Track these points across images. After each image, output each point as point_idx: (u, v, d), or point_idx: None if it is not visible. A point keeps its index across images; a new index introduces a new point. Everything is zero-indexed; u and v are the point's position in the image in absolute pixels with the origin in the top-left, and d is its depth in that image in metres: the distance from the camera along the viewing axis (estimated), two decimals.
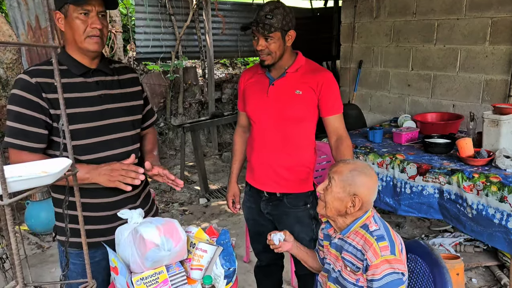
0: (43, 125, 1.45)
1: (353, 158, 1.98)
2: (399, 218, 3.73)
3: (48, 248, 3.50)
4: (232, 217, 4.08)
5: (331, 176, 1.50)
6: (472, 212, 2.52)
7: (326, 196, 1.50)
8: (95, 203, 1.56)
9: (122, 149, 1.59)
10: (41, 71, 1.47)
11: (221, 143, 6.53)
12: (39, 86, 1.43)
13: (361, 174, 1.47)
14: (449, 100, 3.98)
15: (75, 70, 1.51)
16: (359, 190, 1.46)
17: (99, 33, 1.46)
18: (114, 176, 1.42)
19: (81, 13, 1.43)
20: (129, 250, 1.30)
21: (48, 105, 1.44)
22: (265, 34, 1.79)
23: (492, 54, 3.59)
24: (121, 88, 1.63)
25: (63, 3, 1.43)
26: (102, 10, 1.47)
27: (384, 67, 4.55)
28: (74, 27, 1.44)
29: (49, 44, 0.87)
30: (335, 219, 1.54)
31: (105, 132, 1.55)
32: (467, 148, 2.70)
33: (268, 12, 1.78)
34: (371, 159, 3.07)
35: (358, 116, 4.39)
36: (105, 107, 1.55)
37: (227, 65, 8.22)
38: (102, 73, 1.58)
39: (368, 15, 4.60)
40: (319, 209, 1.57)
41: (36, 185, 0.87)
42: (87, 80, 1.53)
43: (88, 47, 1.47)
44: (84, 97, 1.51)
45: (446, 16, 3.86)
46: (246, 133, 2.16)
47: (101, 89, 1.56)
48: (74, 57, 1.51)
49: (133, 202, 1.65)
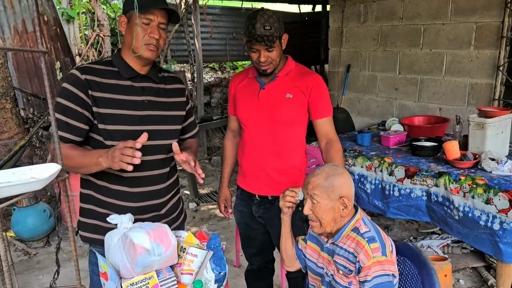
0: (84, 120, 1.50)
1: (343, 161, 1.99)
2: (387, 221, 3.77)
3: (35, 255, 3.46)
4: (222, 222, 4.08)
5: (311, 194, 1.49)
6: (458, 214, 2.55)
7: (317, 214, 1.49)
8: (121, 205, 1.59)
9: (155, 156, 1.61)
10: (92, 69, 1.53)
11: (210, 147, 6.52)
12: (87, 83, 1.49)
13: (335, 175, 1.49)
14: (436, 104, 4.04)
15: (124, 73, 1.56)
16: (342, 191, 1.48)
17: (155, 42, 1.52)
18: (116, 157, 1.37)
19: (143, 21, 1.49)
20: (119, 255, 1.29)
21: (92, 103, 1.50)
22: (269, 45, 1.78)
23: (477, 58, 3.65)
24: (166, 97, 1.66)
25: (129, 8, 1.49)
26: (163, 22, 1.54)
27: (372, 71, 4.59)
28: (134, 33, 1.50)
29: (38, 49, 0.87)
30: (332, 229, 1.53)
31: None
32: (454, 151, 2.74)
33: (265, 23, 1.77)
34: (360, 162, 3.10)
35: (347, 119, 4.43)
36: (147, 113, 1.58)
37: (216, 69, 8.22)
38: (150, 80, 1.62)
39: (356, 19, 4.65)
40: (316, 230, 1.55)
41: (25, 191, 0.87)
42: (134, 84, 1.57)
43: (143, 54, 1.52)
44: (129, 100, 1.55)
45: (432, 21, 3.92)
46: (237, 138, 2.16)
47: (146, 95, 1.59)
48: (126, 61, 1.57)
49: (158, 209, 1.66)
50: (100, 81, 1.52)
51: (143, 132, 1.45)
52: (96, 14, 5.77)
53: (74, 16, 5.80)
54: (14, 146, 4.33)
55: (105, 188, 1.60)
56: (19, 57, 5.21)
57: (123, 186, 1.58)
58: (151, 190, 1.62)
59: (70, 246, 3.49)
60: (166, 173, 1.67)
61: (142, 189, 1.60)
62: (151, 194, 1.63)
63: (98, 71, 1.54)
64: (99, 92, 1.51)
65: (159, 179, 1.65)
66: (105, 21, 6.06)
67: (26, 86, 5.17)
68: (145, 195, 1.61)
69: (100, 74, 1.53)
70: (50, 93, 0.92)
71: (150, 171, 1.61)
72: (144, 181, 1.60)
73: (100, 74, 1.53)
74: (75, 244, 1.00)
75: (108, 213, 1.58)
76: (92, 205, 1.63)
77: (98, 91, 1.50)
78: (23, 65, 5.22)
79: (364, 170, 3.09)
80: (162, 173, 1.66)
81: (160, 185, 1.65)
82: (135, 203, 1.60)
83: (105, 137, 1.52)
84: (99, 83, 1.51)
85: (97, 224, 1.62)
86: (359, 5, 4.58)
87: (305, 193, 1.53)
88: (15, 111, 4.58)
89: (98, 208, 1.62)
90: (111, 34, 6.25)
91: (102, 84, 1.52)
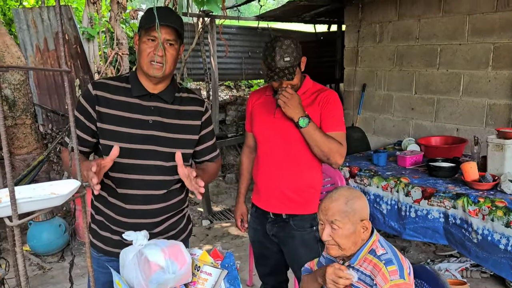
0: (90, 133, 1.55)
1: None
2: (404, 242, 3.70)
3: (50, 270, 3.47)
4: (235, 240, 4.05)
5: (331, 220, 1.44)
6: (477, 237, 2.50)
7: (337, 239, 1.44)
8: (115, 218, 1.60)
9: (156, 177, 1.57)
10: (105, 85, 1.57)
11: (225, 164, 6.53)
12: (95, 98, 1.53)
13: (354, 199, 1.46)
14: (453, 124, 3.99)
15: (134, 91, 1.57)
16: (363, 214, 1.46)
17: (161, 59, 1.50)
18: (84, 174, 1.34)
19: (149, 38, 1.50)
20: (133, 273, 1.29)
21: (97, 118, 1.53)
22: (291, 79, 1.81)
23: (495, 79, 3.62)
24: (177, 119, 1.61)
25: (139, 27, 1.54)
26: (170, 39, 1.52)
27: (387, 90, 4.58)
28: (140, 50, 1.53)
29: (61, 68, 0.89)
30: (351, 252, 1.49)
31: (144, 156, 1.55)
32: (472, 172, 2.69)
33: (284, 55, 1.79)
34: (376, 182, 3.07)
35: (362, 139, 4.40)
36: (151, 133, 1.55)
37: (231, 87, 8.29)
38: (161, 100, 1.59)
39: (371, 39, 4.67)
40: (334, 252, 1.48)
41: (44, 207, 0.88)
42: (142, 103, 1.57)
43: (149, 71, 1.52)
44: (134, 119, 1.54)
45: (449, 41, 3.91)
46: (253, 154, 2.17)
47: (154, 115, 1.56)
48: (139, 79, 1.58)
49: (150, 228, 1.56)
50: (110, 97, 1.54)
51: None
52: (115, 33, 5.91)
53: (94, 35, 5.96)
54: (33, 161, 4.41)
55: (104, 198, 1.61)
56: (40, 75, 5.35)
57: (118, 200, 1.58)
58: (145, 209, 1.58)
59: (83, 261, 3.50)
60: (163, 194, 1.60)
61: (135, 206, 1.57)
62: (144, 213, 1.58)
63: (111, 87, 1.56)
64: (106, 108, 1.53)
65: (156, 199, 1.59)
66: (124, 40, 6.20)
67: (46, 102, 5.30)
68: (137, 213, 1.57)
69: (112, 90, 1.55)
70: (72, 111, 0.94)
71: (146, 190, 1.57)
72: (138, 199, 1.56)
73: (112, 90, 1.55)
74: (91, 260, 1.00)
75: (103, 220, 1.62)
76: (92, 210, 1.68)
77: (105, 107, 1.53)
78: (44, 82, 5.36)
79: (380, 190, 3.05)
80: (159, 194, 1.59)
81: (155, 205, 1.59)
82: (127, 219, 1.58)
83: (104, 152, 1.53)
84: (108, 99, 1.53)
85: (94, 228, 1.66)
86: (375, 25, 4.60)
87: (324, 219, 1.47)
88: (35, 127, 4.68)
89: (96, 215, 1.65)
90: (130, 53, 6.39)
91: (111, 100, 1.53)
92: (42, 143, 4.78)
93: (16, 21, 5.36)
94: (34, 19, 5.39)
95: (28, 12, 5.42)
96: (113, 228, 1.61)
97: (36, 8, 5.60)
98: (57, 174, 4.62)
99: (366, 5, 4.67)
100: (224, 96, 7.59)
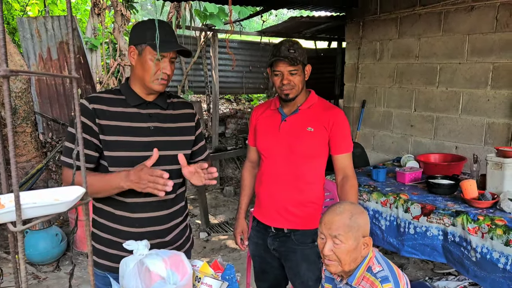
0: (93, 148, 1.54)
1: (357, 198, 1.96)
2: (402, 259, 3.68)
3: (45, 279, 3.44)
4: (233, 253, 4.02)
5: (335, 234, 1.42)
6: (476, 255, 2.49)
7: (339, 254, 1.42)
8: (124, 230, 1.60)
9: None
10: (99, 98, 1.57)
11: (223, 177, 6.52)
12: (94, 112, 1.53)
13: (358, 214, 1.45)
14: (452, 142, 4.01)
15: (130, 101, 1.59)
16: (366, 230, 1.45)
17: (167, 77, 1.57)
18: (143, 184, 1.41)
19: (156, 57, 1.52)
20: (133, 283, 1.28)
21: (99, 130, 1.54)
22: (292, 64, 1.83)
23: (494, 98, 3.65)
24: (173, 123, 1.67)
25: (140, 41, 1.53)
26: (174, 57, 1.58)
27: (387, 107, 4.61)
28: (146, 67, 1.54)
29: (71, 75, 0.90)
30: (350, 268, 1.47)
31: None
32: (471, 190, 2.70)
33: (290, 47, 1.84)
34: (375, 197, 3.06)
35: (362, 155, 4.41)
36: (153, 139, 1.59)
37: (231, 101, 8.34)
38: (157, 106, 1.64)
39: (372, 57, 4.72)
40: (333, 269, 1.46)
41: (49, 213, 0.87)
42: (140, 111, 1.60)
43: (154, 87, 1.56)
44: (134, 127, 1.57)
45: (448, 60, 3.95)
46: (255, 169, 2.17)
47: (153, 121, 1.61)
48: (134, 90, 1.61)
49: (162, 236, 1.65)
50: (107, 109, 1.55)
51: (149, 157, 1.48)
52: (118, 44, 5.96)
53: (98, 45, 6.00)
54: (31, 169, 4.40)
55: (109, 214, 1.61)
56: (42, 83, 5.37)
57: (125, 211, 1.59)
58: (153, 216, 1.61)
59: (79, 271, 3.47)
60: (170, 199, 1.65)
61: (143, 214, 1.60)
62: (153, 220, 1.62)
63: (105, 99, 1.57)
64: (106, 120, 1.54)
65: (163, 205, 1.64)
66: (127, 51, 6.26)
67: (47, 111, 5.31)
68: (146, 221, 1.60)
69: (107, 102, 1.57)
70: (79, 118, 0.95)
71: (154, 196, 1.56)
72: (147, 206, 1.60)
73: (107, 103, 1.56)
74: (93, 269, 1.00)
75: (111, 238, 1.61)
76: (96, 229, 1.66)
77: (104, 119, 1.54)
78: (45, 90, 5.38)
79: (379, 206, 3.05)
80: (166, 199, 1.63)
81: (163, 211, 1.64)
82: (137, 228, 1.59)
83: (110, 163, 1.55)
84: (105, 112, 1.55)
85: (99, 248, 1.63)
86: (375, 43, 4.65)
87: (326, 233, 1.45)
88: (35, 135, 4.68)
89: (102, 233, 1.64)
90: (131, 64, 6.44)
91: (108, 112, 1.55)
92: (42, 151, 4.78)
93: (20, 30, 5.41)
94: (38, 29, 5.43)
95: (32, 21, 5.47)
96: (122, 245, 1.59)
97: (41, 18, 5.65)
98: (55, 183, 4.60)
99: (367, 23, 4.73)
100: (224, 109, 7.63)
